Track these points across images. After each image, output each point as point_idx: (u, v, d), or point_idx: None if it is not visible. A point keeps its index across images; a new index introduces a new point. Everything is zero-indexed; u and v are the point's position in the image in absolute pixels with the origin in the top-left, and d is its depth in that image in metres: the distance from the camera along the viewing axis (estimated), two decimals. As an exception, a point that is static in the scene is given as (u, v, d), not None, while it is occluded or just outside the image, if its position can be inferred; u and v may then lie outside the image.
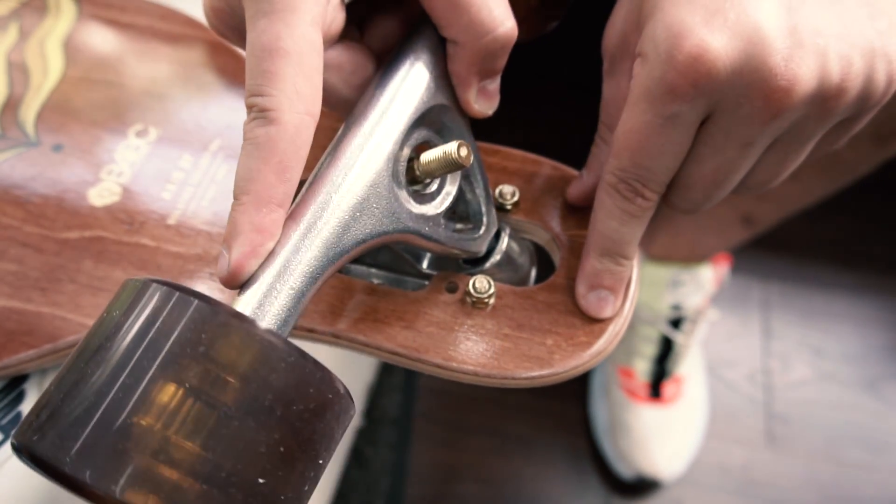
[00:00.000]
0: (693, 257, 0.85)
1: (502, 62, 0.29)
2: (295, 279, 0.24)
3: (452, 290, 0.30)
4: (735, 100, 0.25)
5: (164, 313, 0.21)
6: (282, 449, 0.21)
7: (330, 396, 0.22)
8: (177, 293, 0.21)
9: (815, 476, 0.89)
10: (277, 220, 0.24)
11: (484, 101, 0.30)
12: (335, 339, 0.30)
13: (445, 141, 0.29)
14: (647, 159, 0.27)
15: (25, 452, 0.20)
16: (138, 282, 0.22)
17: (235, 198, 0.24)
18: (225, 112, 0.38)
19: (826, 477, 0.89)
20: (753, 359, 0.97)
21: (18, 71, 0.40)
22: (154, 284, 0.22)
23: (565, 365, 0.28)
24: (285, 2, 0.24)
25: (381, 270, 0.32)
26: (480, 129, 0.33)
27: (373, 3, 0.29)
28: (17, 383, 0.33)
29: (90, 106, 0.38)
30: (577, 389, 0.94)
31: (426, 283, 0.31)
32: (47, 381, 0.33)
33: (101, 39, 0.41)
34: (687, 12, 0.25)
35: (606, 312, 0.30)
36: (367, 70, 0.29)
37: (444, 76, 0.29)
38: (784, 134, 0.27)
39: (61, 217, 0.34)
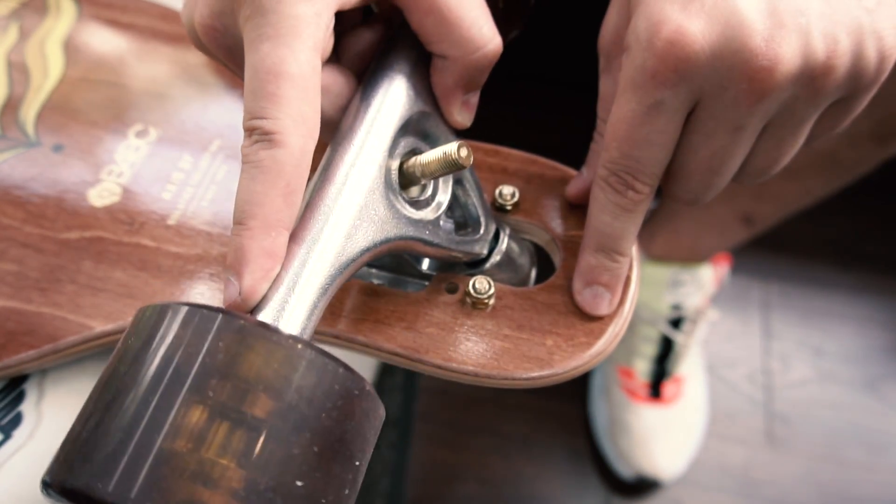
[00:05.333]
0: (693, 257, 0.85)
1: (485, 77, 0.30)
2: (306, 293, 0.24)
3: (452, 290, 0.30)
4: (719, 83, 0.25)
5: (190, 331, 0.21)
6: (315, 449, 0.21)
7: (356, 393, 0.22)
8: (199, 311, 0.22)
9: (815, 476, 0.89)
10: (284, 243, 0.24)
11: (466, 113, 0.31)
12: (335, 340, 0.30)
13: (432, 146, 0.29)
14: (634, 149, 0.27)
15: (57, 487, 0.20)
16: (156, 307, 0.22)
17: (240, 222, 0.24)
18: (225, 112, 0.38)
19: (826, 477, 0.89)
20: (753, 359, 0.97)
21: (19, 71, 0.40)
22: (175, 306, 0.22)
23: (565, 366, 0.28)
24: (289, 27, 0.25)
25: (381, 271, 0.32)
26: (478, 130, 0.33)
27: (342, 23, 0.30)
28: (17, 383, 0.33)
29: (90, 106, 0.38)
30: (577, 389, 0.94)
31: (426, 283, 0.31)
32: (47, 382, 0.33)
33: (102, 40, 0.41)
34: (666, 2, 0.25)
35: (602, 310, 0.30)
36: (350, 90, 0.29)
37: (423, 85, 0.29)
38: (776, 116, 0.27)
39: (61, 217, 0.34)
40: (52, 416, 0.32)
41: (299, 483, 0.20)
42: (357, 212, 0.26)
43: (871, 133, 0.58)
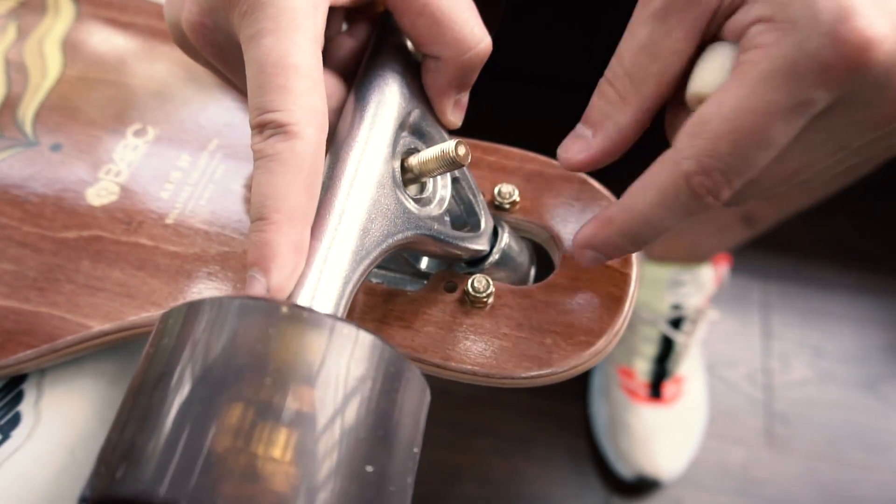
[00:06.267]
0: (693, 257, 0.85)
1: (476, 76, 0.30)
2: (332, 289, 0.24)
3: (451, 289, 0.30)
4: (867, 100, 0.23)
5: (228, 322, 0.20)
6: (380, 433, 0.20)
7: (409, 376, 0.22)
8: (236, 300, 0.21)
9: (815, 475, 0.89)
10: (308, 238, 0.24)
11: (458, 113, 0.31)
12: (334, 339, 0.30)
13: (428, 145, 0.30)
14: (754, 148, 0.23)
15: (103, 499, 0.19)
16: (186, 304, 0.22)
17: (262, 217, 0.23)
18: (223, 111, 0.38)
19: (826, 476, 0.89)
20: (753, 359, 0.97)
21: (17, 70, 0.40)
22: (211, 299, 0.21)
23: (564, 364, 0.28)
24: (288, 19, 0.24)
25: (379, 270, 0.32)
26: (475, 130, 0.33)
27: (328, 29, 0.30)
28: (15, 383, 0.33)
29: (89, 105, 0.38)
30: (578, 389, 0.94)
31: (424, 282, 0.31)
32: (46, 382, 0.33)
33: (100, 39, 0.41)
34: None
35: (592, 265, 0.29)
36: (342, 93, 0.29)
37: (415, 85, 0.30)
38: (865, 145, 0.25)
39: (59, 217, 0.34)
40: (50, 416, 0.32)
41: (369, 469, 0.20)
42: (370, 206, 0.26)
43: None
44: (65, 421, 0.32)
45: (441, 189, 0.30)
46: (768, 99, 0.22)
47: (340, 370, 0.20)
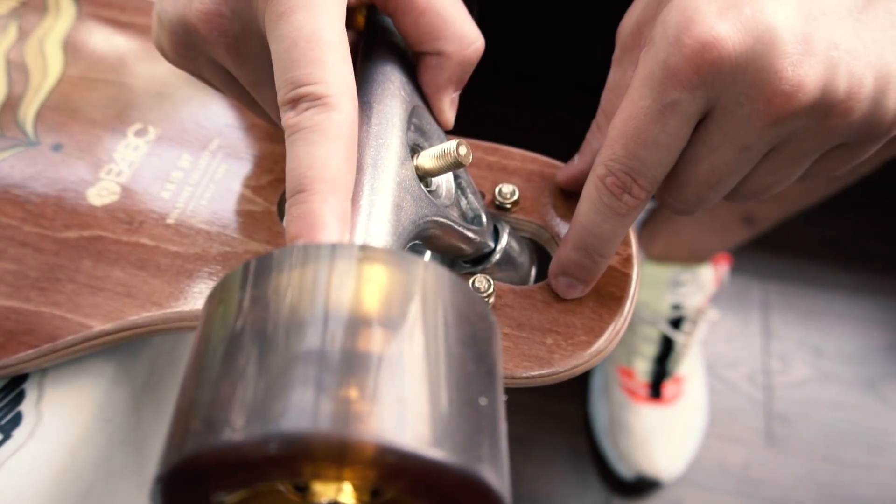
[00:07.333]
0: (693, 257, 0.85)
1: (469, 74, 0.30)
2: None
3: (452, 289, 0.30)
4: (736, 98, 0.25)
5: (311, 267, 0.19)
6: (484, 368, 0.20)
7: (491, 321, 0.21)
8: (321, 246, 0.20)
9: (815, 475, 0.89)
10: (350, 209, 0.23)
11: (453, 111, 0.31)
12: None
13: (429, 143, 0.30)
14: (641, 148, 0.26)
15: (187, 462, 0.17)
16: (251, 262, 0.21)
17: (304, 189, 0.23)
18: (224, 111, 0.38)
19: (826, 476, 0.89)
20: (753, 359, 0.96)
21: (18, 70, 0.40)
22: (281, 250, 0.20)
23: (565, 364, 0.28)
24: None
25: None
26: (478, 130, 0.33)
27: None
28: (16, 383, 0.33)
29: (89, 105, 0.38)
30: (578, 389, 0.94)
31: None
32: (47, 381, 0.33)
33: (101, 39, 0.41)
34: (703, 1, 0.25)
35: (573, 295, 0.30)
36: None
37: (413, 83, 0.30)
38: (781, 144, 0.26)
39: (60, 216, 0.34)
40: (51, 415, 0.32)
41: (483, 401, 0.19)
42: (398, 183, 0.26)
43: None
44: (66, 420, 0.32)
45: (446, 182, 0.30)
46: (640, 105, 0.26)
47: (438, 304, 0.20)
